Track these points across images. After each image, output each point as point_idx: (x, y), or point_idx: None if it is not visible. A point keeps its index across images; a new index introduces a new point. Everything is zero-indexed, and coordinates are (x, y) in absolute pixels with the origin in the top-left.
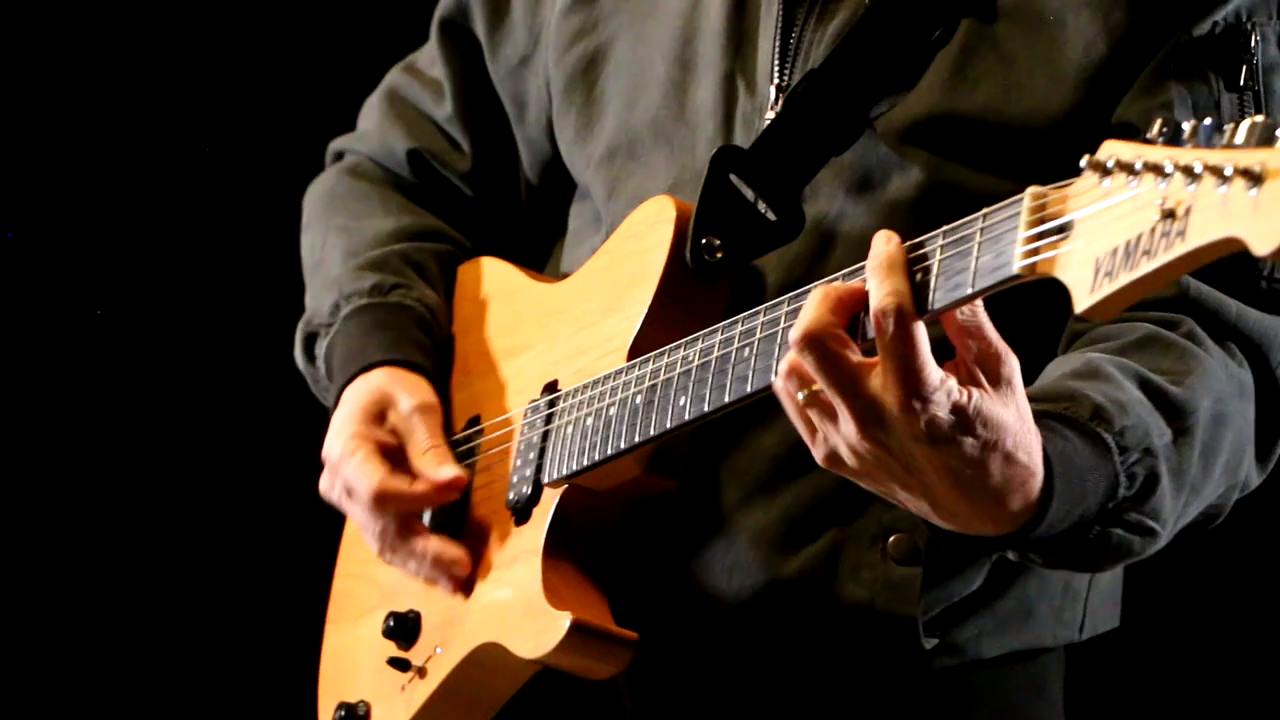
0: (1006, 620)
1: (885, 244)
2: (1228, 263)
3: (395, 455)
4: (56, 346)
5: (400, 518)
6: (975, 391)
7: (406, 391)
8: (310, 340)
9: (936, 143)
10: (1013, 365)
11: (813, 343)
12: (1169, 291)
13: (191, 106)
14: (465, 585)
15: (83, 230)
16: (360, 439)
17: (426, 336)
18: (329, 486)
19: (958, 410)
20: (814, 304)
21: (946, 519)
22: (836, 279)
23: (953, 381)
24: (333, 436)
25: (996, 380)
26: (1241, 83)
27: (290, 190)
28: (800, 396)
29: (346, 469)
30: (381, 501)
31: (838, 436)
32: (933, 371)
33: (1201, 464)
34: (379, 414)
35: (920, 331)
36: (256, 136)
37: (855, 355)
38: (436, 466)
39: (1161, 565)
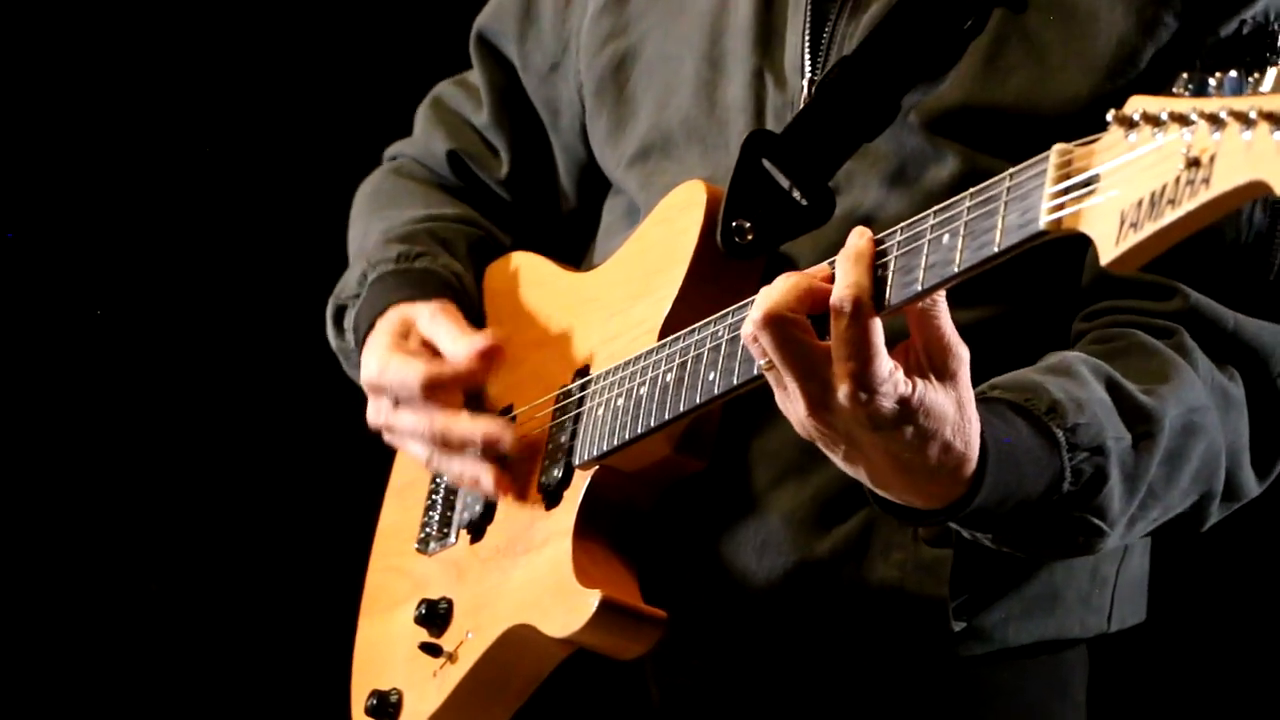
0: (1033, 604)
1: (857, 238)
2: (1231, 267)
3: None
4: (58, 347)
5: (446, 412)
6: (920, 383)
7: (423, 306)
8: (340, 313)
9: (969, 133)
10: (961, 358)
11: (772, 323)
12: (1171, 304)
13: (241, 111)
14: (497, 571)
15: (84, 231)
16: (393, 349)
17: (452, 299)
18: (375, 410)
19: (902, 402)
20: (779, 285)
21: (880, 488)
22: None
23: (900, 374)
24: (368, 361)
25: (943, 372)
26: None
27: (335, 194)
28: (760, 362)
29: (389, 375)
30: (432, 389)
31: (789, 405)
32: (882, 364)
33: (1165, 470)
34: (404, 334)
35: (875, 325)
36: (303, 139)
37: (811, 339)
38: (469, 342)
39: (1187, 566)
